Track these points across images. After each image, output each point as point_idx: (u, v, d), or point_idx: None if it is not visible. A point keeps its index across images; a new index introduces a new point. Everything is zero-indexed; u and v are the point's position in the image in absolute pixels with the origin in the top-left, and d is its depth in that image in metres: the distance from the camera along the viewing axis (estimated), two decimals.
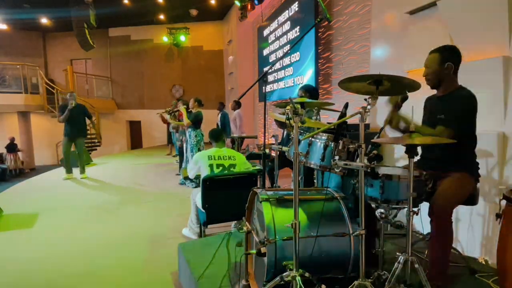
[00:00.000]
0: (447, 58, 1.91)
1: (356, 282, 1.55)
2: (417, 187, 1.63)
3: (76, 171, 6.73)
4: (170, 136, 9.05)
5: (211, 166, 3.02)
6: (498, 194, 2.38)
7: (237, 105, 7.01)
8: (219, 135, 3.36)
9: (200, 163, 3.07)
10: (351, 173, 1.88)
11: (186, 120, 5.39)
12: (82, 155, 6.67)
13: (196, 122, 5.40)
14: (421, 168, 1.85)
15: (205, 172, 2.97)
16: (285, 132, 3.68)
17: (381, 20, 3.83)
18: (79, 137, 6.47)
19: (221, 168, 3.03)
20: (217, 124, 7.26)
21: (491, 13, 2.47)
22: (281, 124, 3.44)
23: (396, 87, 1.73)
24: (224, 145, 3.32)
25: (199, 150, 5.40)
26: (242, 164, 3.18)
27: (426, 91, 2.05)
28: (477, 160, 1.97)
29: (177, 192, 5.40)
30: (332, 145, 1.84)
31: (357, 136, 1.56)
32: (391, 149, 3.50)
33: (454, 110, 1.83)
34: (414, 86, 1.70)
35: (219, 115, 7.46)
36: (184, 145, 6.00)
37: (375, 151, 1.73)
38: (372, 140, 1.79)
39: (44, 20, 11.93)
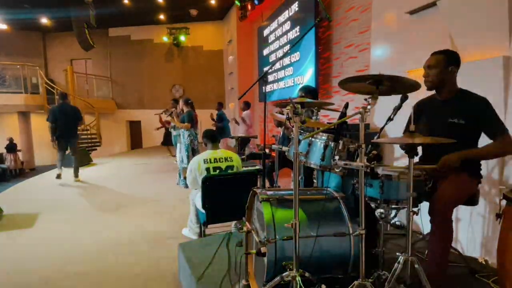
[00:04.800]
0: (451, 62, 1.91)
1: (356, 282, 1.55)
2: (417, 187, 1.63)
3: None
4: (167, 137, 9.03)
5: (207, 169, 2.97)
6: (498, 194, 2.38)
7: (246, 105, 7.09)
8: (214, 135, 3.26)
9: (194, 173, 3.00)
10: (351, 173, 1.88)
11: (183, 125, 5.51)
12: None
13: (191, 121, 5.48)
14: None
15: (200, 178, 2.93)
16: (281, 132, 3.67)
17: (381, 20, 3.83)
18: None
19: (218, 171, 3.00)
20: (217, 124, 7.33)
21: (491, 13, 2.47)
22: (279, 123, 3.44)
23: (396, 87, 1.72)
24: (218, 146, 3.26)
25: (193, 150, 5.45)
26: (239, 165, 3.16)
27: (427, 91, 2.04)
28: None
29: (176, 192, 5.40)
30: (332, 145, 1.84)
31: (357, 136, 1.56)
32: (391, 149, 3.50)
33: (491, 116, 1.83)
34: (415, 86, 1.69)
35: (217, 115, 7.52)
36: (178, 145, 6.07)
37: (374, 151, 1.73)
38: (372, 140, 1.79)
39: (44, 20, 11.93)
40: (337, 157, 1.74)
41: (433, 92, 2.04)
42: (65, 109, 6.25)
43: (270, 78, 7.90)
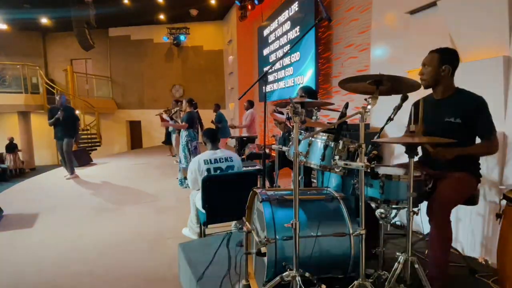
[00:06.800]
0: (445, 61, 1.89)
1: (356, 282, 1.55)
2: (417, 187, 1.63)
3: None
4: (168, 136, 9.06)
5: (208, 170, 2.96)
6: (498, 194, 2.38)
7: (250, 104, 7.09)
8: (214, 135, 3.24)
9: (195, 174, 2.99)
10: (351, 173, 1.88)
11: (178, 125, 5.52)
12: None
13: (190, 122, 5.46)
14: (422, 168, 1.85)
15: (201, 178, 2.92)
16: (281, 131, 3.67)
17: (381, 20, 3.82)
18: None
19: (218, 171, 2.99)
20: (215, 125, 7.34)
21: (491, 13, 2.47)
22: (279, 123, 3.44)
23: (396, 87, 1.73)
24: (218, 146, 3.25)
25: (189, 150, 5.43)
26: (240, 166, 3.16)
27: (427, 91, 2.04)
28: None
29: (176, 192, 5.40)
30: (332, 145, 1.84)
31: (357, 136, 1.56)
32: (391, 149, 3.49)
33: (484, 117, 1.83)
34: (414, 86, 1.69)
35: (215, 116, 7.54)
36: (180, 145, 6.07)
37: (375, 151, 1.73)
38: (372, 140, 1.79)
39: (44, 20, 11.94)
40: (337, 157, 1.74)
41: (431, 90, 2.04)
42: None
43: (270, 78, 7.90)
